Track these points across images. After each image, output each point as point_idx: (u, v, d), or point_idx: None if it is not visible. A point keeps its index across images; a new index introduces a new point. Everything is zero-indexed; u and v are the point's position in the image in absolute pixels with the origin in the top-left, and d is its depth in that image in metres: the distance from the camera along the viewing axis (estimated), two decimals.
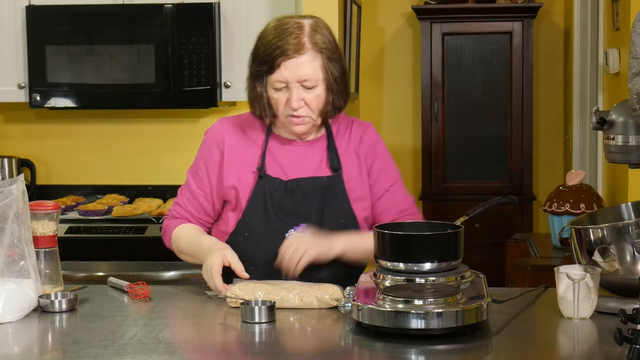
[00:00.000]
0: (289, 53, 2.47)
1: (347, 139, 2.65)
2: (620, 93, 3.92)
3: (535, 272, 3.61)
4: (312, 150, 2.61)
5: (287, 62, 2.47)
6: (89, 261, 3.97)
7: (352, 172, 2.61)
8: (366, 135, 2.67)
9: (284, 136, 2.62)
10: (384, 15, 6.02)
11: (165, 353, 2.03)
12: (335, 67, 2.53)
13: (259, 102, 2.56)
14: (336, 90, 2.55)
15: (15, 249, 2.31)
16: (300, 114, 2.51)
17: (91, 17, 4.21)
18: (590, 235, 2.26)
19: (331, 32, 2.57)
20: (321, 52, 2.50)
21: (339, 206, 2.57)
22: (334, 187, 2.58)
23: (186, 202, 2.66)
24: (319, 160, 2.61)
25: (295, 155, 2.60)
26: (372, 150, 2.66)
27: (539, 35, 5.92)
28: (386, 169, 2.66)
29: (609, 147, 2.37)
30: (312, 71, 2.49)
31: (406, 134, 6.06)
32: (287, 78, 2.48)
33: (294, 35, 2.48)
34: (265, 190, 2.56)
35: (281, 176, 2.57)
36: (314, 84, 2.50)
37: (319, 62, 2.50)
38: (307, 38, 2.49)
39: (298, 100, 2.49)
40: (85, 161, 4.61)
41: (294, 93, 2.49)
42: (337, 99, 2.56)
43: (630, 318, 1.86)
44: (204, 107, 4.25)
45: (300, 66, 2.48)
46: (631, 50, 2.25)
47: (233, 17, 4.20)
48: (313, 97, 2.51)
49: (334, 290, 2.34)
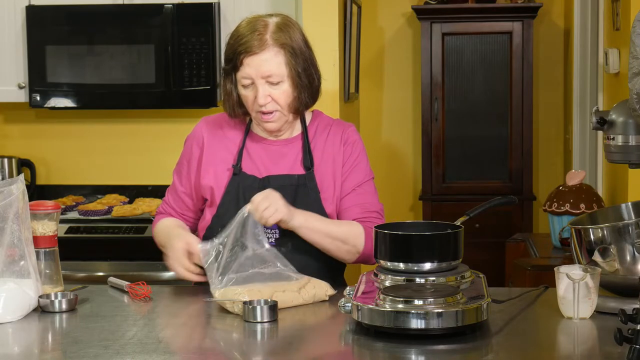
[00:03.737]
0: (251, 50, 2.53)
1: (325, 138, 2.68)
2: (620, 93, 3.92)
3: (535, 272, 3.61)
4: (288, 148, 2.66)
5: (249, 59, 2.53)
6: (89, 261, 3.97)
7: (325, 172, 2.64)
8: (345, 134, 2.70)
9: (261, 135, 2.67)
10: (383, 15, 6.02)
11: (165, 353, 2.03)
12: (300, 62, 2.57)
13: (228, 99, 2.63)
14: (302, 85, 2.58)
15: (15, 249, 2.31)
16: (268, 109, 2.57)
17: (91, 17, 4.21)
18: (590, 235, 2.26)
19: (300, 30, 2.62)
20: (283, 48, 2.55)
21: (310, 204, 2.60)
22: (306, 185, 2.61)
23: (171, 200, 2.77)
24: (294, 159, 2.65)
25: (271, 153, 2.65)
26: (350, 147, 2.68)
27: (539, 35, 5.91)
28: (359, 168, 2.68)
29: (609, 147, 2.37)
30: (276, 67, 2.54)
31: (406, 134, 6.06)
32: (251, 74, 2.54)
33: (257, 33, 2.54)
34: (239, 187, 2.61)
35: (256, 174, 2.63)
36: (279, 80, 2.55)
37: (281, 57, 2.55)
38: (270, 35, 2.54)
39: (264, 96, 2.55)
40: (85, 161, 4.61)
41: (260, 89, 2.55)
42: (303, 95, 2.60)
43: (630, 318, 1.86)
44: (204, 107, 4.25)
45: (263, 62, 2.53)
46: (631, 50, 2.25)
47: (233, 17, 4.20)
48: (280, 93, 2.56)
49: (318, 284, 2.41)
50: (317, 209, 2.60)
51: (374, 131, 5.95)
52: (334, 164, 2.65)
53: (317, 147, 2.66)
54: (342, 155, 2.66)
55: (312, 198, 2.61)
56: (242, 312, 2.25)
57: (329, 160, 2.65)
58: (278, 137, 2.67)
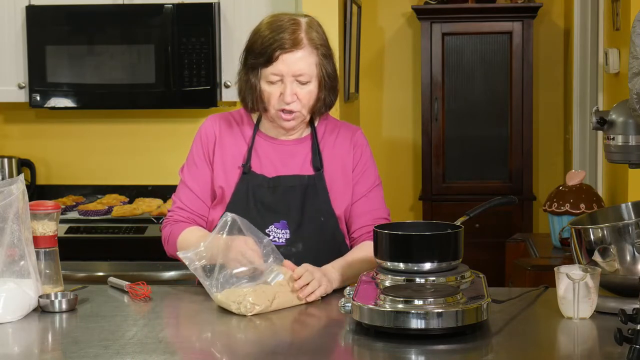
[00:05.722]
0: (287, 47, 2.50)
1: (334, 139, 2.67)
2: (620, 93, 3.92)
3: (535, 272, 3.61)
4: (298, 149, 2.65)
5: (284, 56, 2.50)
6: (89, 261, 3.97)
7: (335, 173, 2.64)
8: (355, 137, 2.70)
9: (270, 134, 2.66)
10: (383, 15, 6.02)
11: (165, 353, 2.03)
12: (329, 64, 2.57)
13: (251, 93, 2.58)
14: (328, 87, 2.58)
15: (15, 249, 2.31)
16: (292, 108, 2.54)
17: (91, 17, 4.22)
18: (590, 235, 2.26)
19: (324, 32, 2.61)
20: (317, 49, 2.54)
21: (320, 205, 2.60)
22: (315, 185, 2.61)
23: (187, 202, 2.65)
24: (303, 159, 2.64)
25: (281, 153, 2.64)
26: (359, 151, 2.68)
27: (539, 35, 5.92)
28: (368, 173, 2.68)
29: (609, 147, 2.36)
30: (308, 67, 2.52)
31: (406, 134, 6.06)
32: (283, 71, 2.51)
33: (290, 30, 2.52)
34: (248, 187, 2.59)
35: (265, 173, 2.61)
36: (307, 80, 2.53)
37: (314, 58, 2.53)
38: (304, 34, 2.53)
39: (292, 94, 2.52)
40: (85, 161, 4.61)
41: (288, 87, 2.52)
42: (328, 96, 2.59)
43: (630, 318, 1.86)
44: (204, 107, 4.25)
45: (297, 61, 2.51)
46: (631, 50, 2.25)
47: (233, 17, 4.21)
48: (305, 93, 2.54)
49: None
50: (326, 210, 2.60)
51: (374, 131, 5.95)
52: (343, 166, 2.65)
53: (326, 148, 2.65)
54: (352, 158, 2.66)
55: (321, 199, 2.60)
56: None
57: (339, 161, 2.65)
58: (288, 137, 2.65)
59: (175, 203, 2.67)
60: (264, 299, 2.30)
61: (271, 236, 2.56)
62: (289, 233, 2.57)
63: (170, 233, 2.63)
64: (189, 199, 2.65)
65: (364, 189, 2.66)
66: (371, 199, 2.66)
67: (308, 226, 2.58)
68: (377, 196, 2.68)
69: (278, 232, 2.57)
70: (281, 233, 2.57)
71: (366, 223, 2.63)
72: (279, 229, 2.56)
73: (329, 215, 2.61)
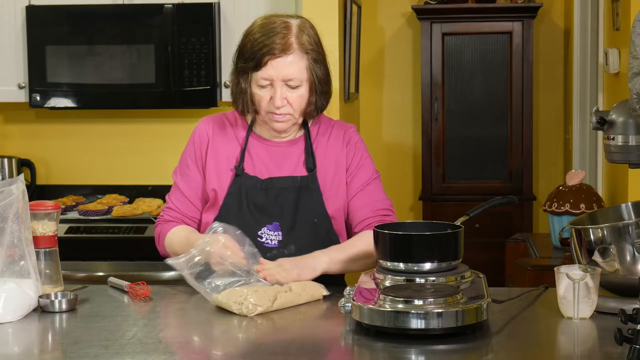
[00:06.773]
0: (276, 52, 2.51)
1: (327, 139, 2.67)
2: (620, 93, 3.92)
3: (535, 272, 3.61)
4: (291, 150, 2.65)
5: (273, 61, 2.51)
6: (89, 261, 3.97)
7: (327, 173, 2.63)
8: (347, 135, 2.69)
9: (264, 136, 2.66)
10: (383, 15, 6.02)
11: (165, 353, 2.03)
12: (320, 68, 2.57)
13: (242, 97, 2.59)
14: (319, 91, 2.58)
15: (15, 249, 2.31)
16: (282, 112, 2.55)
17: (91, 17, 4.22)
18: (590, 235, 2.26)
19: (317, 34, 2.60)
20: (307, 53, 2.54)
21: (313, 206, 2.60)
22: (309, 186, 2.61)
23: (177, 204, 2.68)
24: (296, 161, 2.64)
25: (274, 155, 2.64)
26: (353, 148, 2.68)
27: (539, 35, 5.91)
28: (364, 168, 2.67)
29: (609, 147, 2.37)
30: (298, 71, 2.52)
31: (406, 134, 6.06)
32: (273, 76, 2.52)
33: (281, 35, 2.52)
34: (241, 188, 2.60)
35: (258, 175, 2.61)
36: (298, 84, 2.53)
37: (304, 62, 2.53)
38: (295, 38, 2.53)
39: (281, 99, 2.53)
40: (85, 161, 4.61)
41: (278, 91, 2.53)
42: (319, 100, 2.60)
43: (630, 318, 1.86)
44: (204, 107, 4.25)
45: (286, 65, 2.51)
46: (631, 50, 2.25)
47: (233, 17, 4.21)
48: (296, 97, 2.54)
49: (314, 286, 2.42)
50: (319, 211, 2.60)
51: (373, 131, 5.95)
52: (336, 165, 2.65)
53: (319, 149, 2.66)
54: (345, 157, 2.66)
55: (314, 200, 2.61)
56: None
57: (332, 161, 2.65)
58: (281, 139, 2.65)
59: (167, 204, 2.71)
60: (266, 300, 2.30)
61: (264, 238, 2.56)
62: (281, 235, 2.57)
63: (160, 232, 2.69)
64: (180, 202, 2.67)
65: (360, 183, 2.65)
66: (369, 192, 2.65)
67: (301, 228, 2.58)
68: (375, 188, 2.67)
69: (271, 234, 2.57)
70: (274, 235, 2.57)
71: (367, 215, 2.62)
72: (272, 231, 2.57)
73: (322, 216, 2.61)
